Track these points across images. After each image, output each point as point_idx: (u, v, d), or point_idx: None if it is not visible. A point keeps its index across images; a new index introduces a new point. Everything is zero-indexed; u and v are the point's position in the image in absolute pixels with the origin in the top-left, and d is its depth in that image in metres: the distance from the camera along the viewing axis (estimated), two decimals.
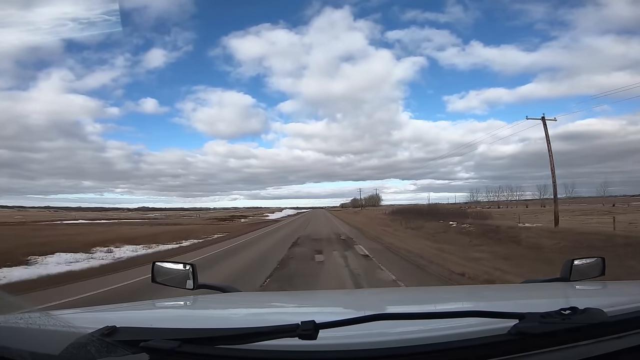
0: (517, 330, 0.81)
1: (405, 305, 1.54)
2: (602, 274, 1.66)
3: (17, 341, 0.82)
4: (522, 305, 1.33)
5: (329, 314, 1.44)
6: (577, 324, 0.81)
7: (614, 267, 2.99)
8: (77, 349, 0.74)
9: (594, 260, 1.68)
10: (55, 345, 0.75)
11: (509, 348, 0.82)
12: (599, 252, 7.11)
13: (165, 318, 1.33)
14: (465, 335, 0.83)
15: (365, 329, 0.83)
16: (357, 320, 0.81)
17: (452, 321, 0.87)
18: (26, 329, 0.85)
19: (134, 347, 0.76)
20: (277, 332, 0.77)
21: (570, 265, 1.58)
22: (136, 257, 12.35)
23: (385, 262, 10.43)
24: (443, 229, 21.67)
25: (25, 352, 0.78)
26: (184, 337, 0.79)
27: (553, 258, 9.20)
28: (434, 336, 0.83)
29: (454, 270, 8.77)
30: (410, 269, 9.42)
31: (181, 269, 1.69)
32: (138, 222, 46.49)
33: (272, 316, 1.38)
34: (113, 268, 10.14)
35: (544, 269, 7.94)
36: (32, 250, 11.27)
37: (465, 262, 9.78)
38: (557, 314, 0.82)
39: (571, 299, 1.21)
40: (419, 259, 10.93)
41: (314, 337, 0.76)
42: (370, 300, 1.71)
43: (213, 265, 10.48)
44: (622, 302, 1.01)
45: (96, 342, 0.75)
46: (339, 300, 1.76)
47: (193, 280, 1.64)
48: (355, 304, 1.61)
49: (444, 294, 1.96)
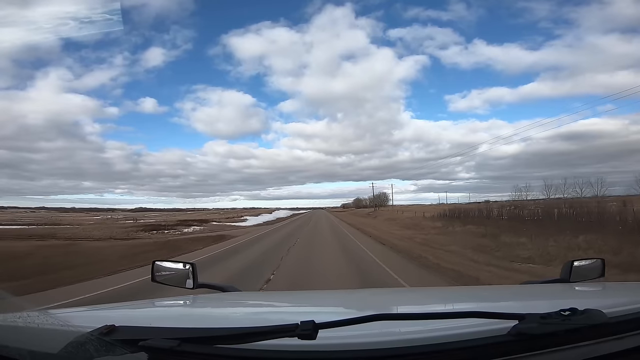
0: (517, 331, 0.81)
1: (405, 305, 1.54)
2: (601, 275, 1.66)
3: (16, 340, 0.82)
4: (522, 306, 1.33)
5: (328, 313, 1.44)
6: (577, 325, 0.81)
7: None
8: (75, 348, 0.74)
9: (594, 262, 1.69)
10: (54, 344, 0.75)
11: (509, 349, 0.82)
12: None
13: (164, 317, 1.33)
14: (465, 336, 0.83)
15: (365, 329, 0.83)
16: (356, 320, 0.81)
17: (452, 321, 0.87)
18: (25, 328, 0.85)
19: (133, 346, 0.76)
20: (276, 332, 0.77)
21: (570, 266, 1.58)
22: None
23: None
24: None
25: (24, 350, 0.78)
26: (183, 336, 0.79)
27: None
28: (433, 336, 0.83)
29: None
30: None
31: (181, 268, 1.69)
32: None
33: (271, 316, 1.38)
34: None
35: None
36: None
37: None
38: (557, 314, 0.82)
39: (571, 300, 1.21)
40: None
41: (313, 337, 0.75)
42: (369, 300, 1.71)
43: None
44: (622, 303, 1.01)
45: (95, 341, 0.75)
46: (339, 300, 1.76)
47: (193, 280, 1.64)
48: (354, 304, 1.61)
49: (444, 294, 1.96)
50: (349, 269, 9.53)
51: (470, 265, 9.70)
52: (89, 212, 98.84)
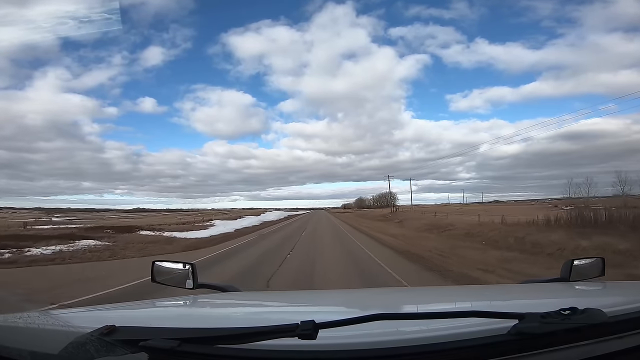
0: (517, 330, 0.81)
1: (405, 305, 1.54)
2: (601, 274, 1.66)
3: (17, 341, 0.82)
4: (522, 306, 1.34)
5: (328, 313, 1.44)
6: (577, 324, 0.81)
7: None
8: (76, 348, 0.74)
9: (594, 261, 1.69)
10: (55, 344, 0.75)
11: (509, 348, 0.82)
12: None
13: (164, 317, 1.33)
14: (465, 336, 0.83)
15: (365, 329, 0.83)
16: (356, 320, 0.81)
17: (451, 321, 0.87)
18: (25, 329, 0.86)
19: (133, 346, 0.76)
20: (276, 332, 0.77)
21: (570, 265, 1.58)
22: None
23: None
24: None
25: (25, 351, 0.78)
26: (183, 336, 0.79)
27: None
28: (433, 336, 0.83)
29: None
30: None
31: (181, 268, 1.69)
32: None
33: (271, 316, 1.38)
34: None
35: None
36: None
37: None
38: (557, 314, 0.82)
39: (571, 299, 1.21)
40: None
41: (313, 337, 0.76)
42: (370, 300, 1.71)
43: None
44: (622, 302, 1.01)
45: (95, 341, 0.75)
46: (339, 300, 1.76)
47: (193, 280, 1.64)
48: (355, 303, 1.61)
49: (444, 294, 1.96)
50: None
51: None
52: (84, 211, 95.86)
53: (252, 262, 10.78)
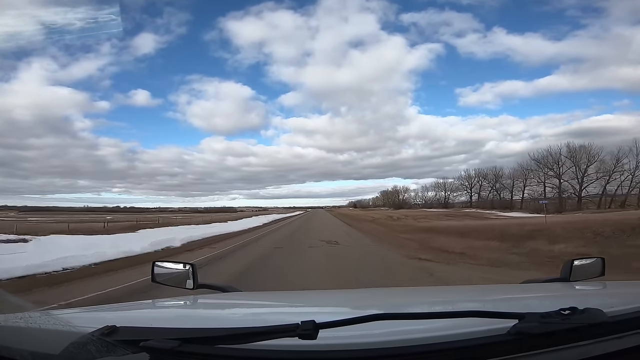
0: (517, 330, 0.81)
1: (405, 305, 1.54)
2: (602, 274, 1.66)
3: (17, 341, 0.82)
4: (522, 306, 1.34)
5: (329, 313, 1.44)
6: (577, 324, 0.81)
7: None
8: (77, 349, 0.75)
9: (594, 261, 1.69)
10: (56, 344, 0.76)
11: (509, 348, 0.82)
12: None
13: (165, 318, 1.33)
14: (465, 335, 0.83)
15: (365, 329, 0.83)
16: (357, 320, 0.81)
17: (452, 321, 0.87)
18: (26, 329, 0.86)
19: (134, 346, 0.76)
20: (276, 332, 0.77)
21: (570, 265, 1.58)
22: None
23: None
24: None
25: (26, 351, 0.78)
26: (183, 336, 0.79)
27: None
28: (434, 336, 0.83)
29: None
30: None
31: (181, 268, 1.69)
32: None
33: (272, 316, 1.38)
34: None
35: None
36: None
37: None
38: (556, 314, 0.82)
39: (571, 299, 1.21)
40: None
41: (313, 337, 0.76)
42: (370, 300, 1.71)
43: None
44: (622, 302, 1.01)
45: (96, 341, 0.75)
46: (339, 300, 1.76)
47: (193, 280, 1.64)
48: (355, 303, 1.61)
49: (444, 293, 1.96)
50: None
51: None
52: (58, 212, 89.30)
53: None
